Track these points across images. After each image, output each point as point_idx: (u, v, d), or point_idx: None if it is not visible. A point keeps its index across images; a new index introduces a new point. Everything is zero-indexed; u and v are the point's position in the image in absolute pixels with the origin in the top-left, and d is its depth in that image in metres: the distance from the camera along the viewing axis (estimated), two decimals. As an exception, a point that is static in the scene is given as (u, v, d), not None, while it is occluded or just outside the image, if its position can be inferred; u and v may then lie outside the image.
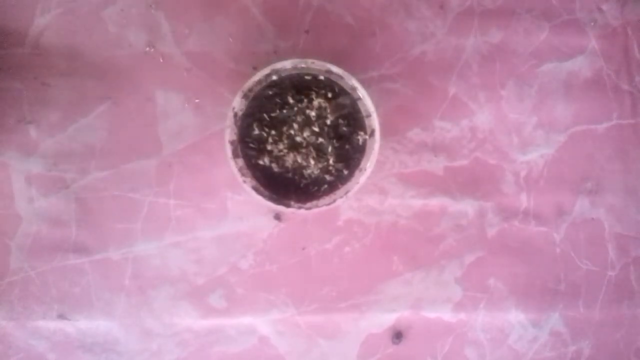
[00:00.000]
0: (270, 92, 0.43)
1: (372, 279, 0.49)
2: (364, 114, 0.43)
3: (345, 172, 0.43)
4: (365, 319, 0.49)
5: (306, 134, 0.42)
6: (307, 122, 0.43)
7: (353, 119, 0.43)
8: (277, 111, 0.42)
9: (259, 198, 0.42)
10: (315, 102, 0.42)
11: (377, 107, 0.42)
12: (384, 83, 0.49)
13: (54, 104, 0.47)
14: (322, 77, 0.43)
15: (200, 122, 0.48)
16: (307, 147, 0.43)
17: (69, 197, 0.47)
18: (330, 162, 0.43)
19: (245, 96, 0.42)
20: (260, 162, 0.43)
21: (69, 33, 0.47)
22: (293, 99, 0.42)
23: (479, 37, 0.50)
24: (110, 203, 0.47)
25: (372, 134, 0.43)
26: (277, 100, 0.43)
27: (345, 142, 0.43)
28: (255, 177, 0.43)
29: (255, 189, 0.42)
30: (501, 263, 0.50)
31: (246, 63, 0.48)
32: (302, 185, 0.43)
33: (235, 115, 0.42)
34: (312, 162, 0.43)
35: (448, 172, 0.49)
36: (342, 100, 0.43)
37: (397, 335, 0.49)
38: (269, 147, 0.43)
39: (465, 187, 0.49)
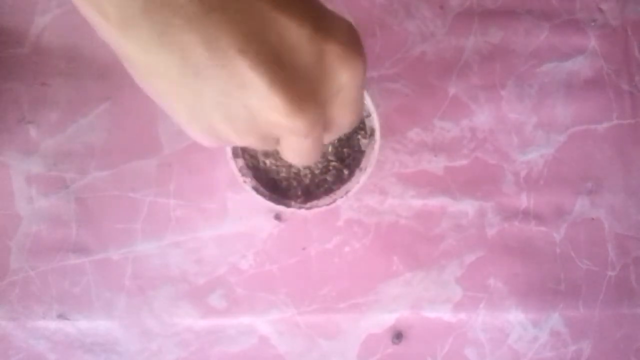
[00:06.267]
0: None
1: (372, 279, 0.49)
2: (364, 113, 0.43)
3: (346, 172, 0.43)
4: (365, 319, 0.49)
5: (306, 134, 0.42)
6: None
7: (353, 119, 0.43)
8: (277, 111, 0.42)
9: (259, 198, 0.42)
10: (316, 102, 0.42)
11: (377, 107, 0.42)
12: (384, 83, 0.49)
13: (54, 104, 0.47)
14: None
15: (200, 122, 0.48)
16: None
17: (69, 197, 0.47)
18: (330, 162, 0.43)
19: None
20: (261, 162, 0.43)
21: (69, 33, 0.47)
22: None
23: (479, 37, 0.50)
24: (110, 203, 0.47)
25: (372, 133, 0.43)
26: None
27: (345, 142, 0.43)
28: (255, 177, 0.43)
29: (255, 188, 0.42)
30: (501, 263, 0.50)
31: (246, 63, 0.48)
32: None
33: (235, 115, 0.42)
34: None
35: (448, 172, 0.49)
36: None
37: (397, 335, 0.49)
38: (269, 147, 0.42)
39: (465, 187, 0.49)
